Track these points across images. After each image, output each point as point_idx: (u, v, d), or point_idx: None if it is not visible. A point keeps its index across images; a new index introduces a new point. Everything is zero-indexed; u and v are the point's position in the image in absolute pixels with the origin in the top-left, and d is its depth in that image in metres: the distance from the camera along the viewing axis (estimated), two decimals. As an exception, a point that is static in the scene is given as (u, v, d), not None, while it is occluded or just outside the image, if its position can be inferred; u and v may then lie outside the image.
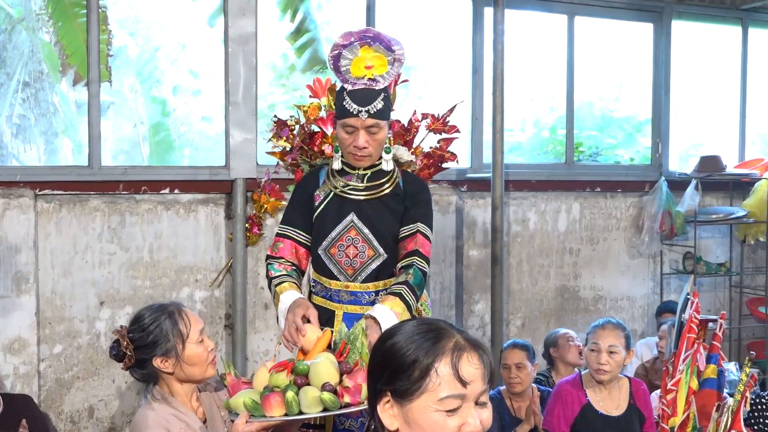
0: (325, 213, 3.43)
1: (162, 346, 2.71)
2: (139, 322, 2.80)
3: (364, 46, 3.25)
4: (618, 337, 4.06)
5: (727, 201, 7.22)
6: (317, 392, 2.47)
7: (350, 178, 3.44)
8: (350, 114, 3.26)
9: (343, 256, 3.38)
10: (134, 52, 8.55)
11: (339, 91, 3.35)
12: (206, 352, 2.77)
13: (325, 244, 3.41)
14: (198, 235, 5.49)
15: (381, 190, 3.43)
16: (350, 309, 3.40)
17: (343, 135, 3.33)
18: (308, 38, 6.82)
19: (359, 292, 3.41)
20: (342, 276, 3.40)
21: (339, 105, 3.30)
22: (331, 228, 3.40)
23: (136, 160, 8.48)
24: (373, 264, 3.40)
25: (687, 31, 7.25)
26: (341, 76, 3.31)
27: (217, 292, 5.57)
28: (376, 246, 3.39)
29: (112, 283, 5.30)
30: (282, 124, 3.99)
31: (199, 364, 2.75)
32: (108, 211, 5.27)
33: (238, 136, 5.51)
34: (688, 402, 4.22)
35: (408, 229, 3.45)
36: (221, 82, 5.61)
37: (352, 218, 3.39)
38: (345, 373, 2.55)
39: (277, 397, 2.48)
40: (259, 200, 5.51)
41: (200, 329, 2.80)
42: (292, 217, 3.49)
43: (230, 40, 5.49)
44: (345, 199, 3.41)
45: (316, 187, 3.49)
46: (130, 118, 8.54)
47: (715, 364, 4.39)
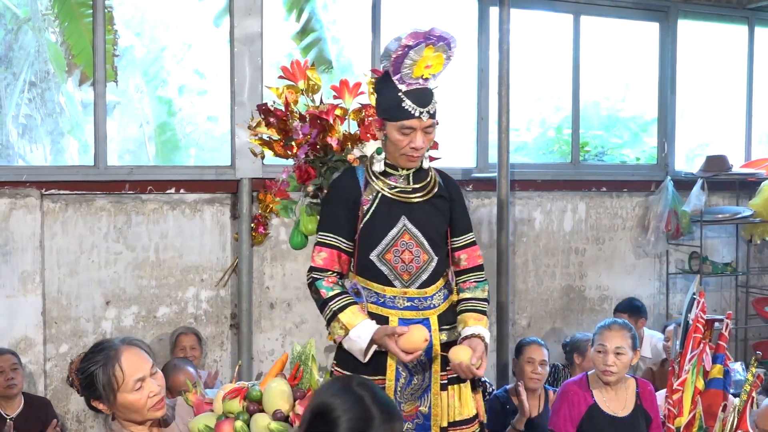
0: (375, 217, 3.27)
1: (95, 391, 2.59)
2: (83, 361, 2.65)
3: (429, 46, 3.13)
4: (624, 338, 4.05)
5: (734, 200, 7.20)
6: (267, 420, 2.47)
7: (395, 180, 3.30)
8: (410, 116, 3.14)
9: (399, 261, 3.26)
10: (140, 52, 8.57)
11: (388, 91, 3.18)
12: (145, 399, 2.59)
13: (378, 249, 3.26)
14: (204, 235, 5.50)
15: (429, 192, 3.33)
16: (406, 315, 3.27)
17: (398, 137, 3.18)
18: (314, 38, 6.82)
19: (416, 298, 3.29)
20: (398, 282, 3.27)
21: (394, 106, 3.15)
22: (384, 233, 3.26)
23: (141, 159, 8.51)
24: (429, 268, 3.29)
25: (693, 30, 7.24)
26: (399, 76, 3.14)
27: (222, 292, 5.58)
28: (429, 250, 3.30)
29: (118, 282, 5.30)
30: (268, 110, 3.73)
31: (136, 410, 2.60)
32: (114, 210, 5.28)
33: (244, 136, 5.49)
34: (694, 402, 4.21)
35: (464, 238, 3.42)
36: (227, 82, 5.61)
37: (404, 222, 3.27)
38: (297, 399, 2.54)
39: (228, 425, 2.48)
40: (264, 200, 5.51)
41: (138, 378, 2.59)
42: (334, 224, 3.30)
43: (236, 40, 5.50)
44: (394, 202, 3.27)
45: (360, 190, 3.30)
46: (136, 118, 8.57)
47: (721, 364, 4.38)
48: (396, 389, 3.24)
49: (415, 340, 3.05)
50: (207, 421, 2.52)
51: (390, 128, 3.19)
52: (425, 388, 3.29)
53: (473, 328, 3.26)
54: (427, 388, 3.30)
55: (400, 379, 3.25)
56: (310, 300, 5.72)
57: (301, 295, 5.76)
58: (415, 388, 3.28)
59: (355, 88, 3.65)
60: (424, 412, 3.29)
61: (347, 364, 3.27)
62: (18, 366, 4.67)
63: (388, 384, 3.21)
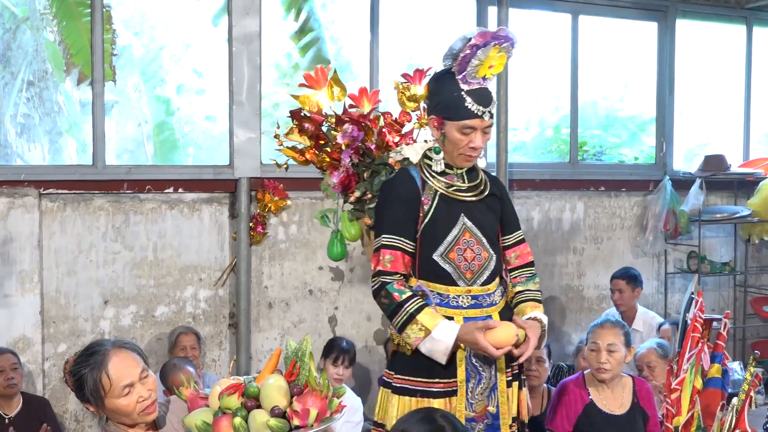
0: (436, 217, 3.23)
1: (83, 394, 2.58)
2: (75, 363, 2.63)
3: (495, 46, 3.09)
4: (617, 335, 4.06)
5: (732, 200, 7.21)
6: (266, 416, 2.46)
7: (451, 179, 3.27)
8: (473, 115, 3.12)
9: (462, 260, 3.22)
10: (138, 51, 8.57)
11: (448, 90, 3.16)
12: (134, 404, 2.57)
13: (441, 249, 3.22)
14: (202, 234, 5.50)
15: (484, 191, 3.32)
16: (471, 313, 3.21)
17: (458, 136, 3.15)
18: (312, 37, 6.82)
19: (480, 296, 3.26)
20: (461, 281, 3.22)
21: (456, 106, 3.13)
22: (446, 232, 3.23)
23: (140, 159, 8.51)
24: (490, 265, 3.27)
25: (691, 30, 7.24)
26: (462, 76, 3.12)
27: (221, 291, 5.57)
28: (488, 247, 3.27)
29: (117, 282, 5.30)
30: (303, 116, 3.61)
31: (126, 414, 2.58)
32: (112, 210, 5.27)
33: (242, 135, 5.52)
34: (692, 401, 4.21)
35: (514, 236, 3.41)
36: (225, 81, 5.61)
37: (463, 220, 3.25)
38: (295, 395, 2.54)
39: (226, 420, 2.48)
40: (263, 199, 5.51)
41: (126, 383, 2.56)
42: (396, 225, 3.21)
43: (234, 39, 5.49)
44: (451, 201, 3.24)
45: (419, 190, 3.25)
46: (134, 117, 8.56)
47: (719, 363, 4.38)
48: (467, 390, 3.20)
49: (508, 334, 3.03)
50: (204, 417, 2.52)
51: (450, 127, 3.16)
52: (492, 387, 3.27)
53: (532, 313, 3.27)
54: (494, 387, 3.27)
55: (471, 379, 3.21)
56: (309, 299, 5.79)
57: (299, 295, 5.76)
58: (483, 387, 3.25)
59: (374, 96, 3.63)
60: (493, 411, 3.26)
61: (407, 371, 3.21)
62: (18, 365, 4.68)
63: (459, 386, 3.17)
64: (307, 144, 3.62)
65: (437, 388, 3.16)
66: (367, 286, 5.92)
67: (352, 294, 5.93)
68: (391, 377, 3.26)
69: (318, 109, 3.57)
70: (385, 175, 3.45)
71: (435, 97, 3.23)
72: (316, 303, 5.84)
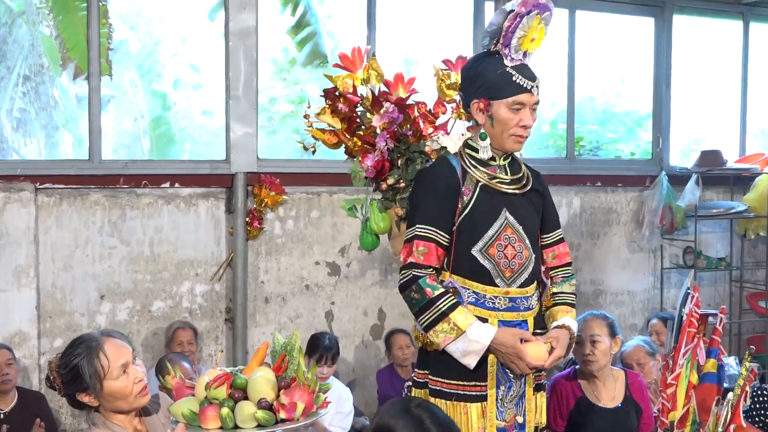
0: (477, 209, 3.03)
1: (81, 383, 2.61)
2: (63, 357, 2.67)
3: (537, 15, 2.96)
4: (600, 326, 4.04)
5: (728, 195, 7.21)
6: (253, 408, 2.47)
7: (493, 170, 3.10)
8: (523, 90, 2.99)
9: (502, 257, 3.03)
10: (135, 46, 8.54)
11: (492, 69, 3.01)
12: (131, 385, 2.63)
13: (481, 244, 3.02)
14: (198, 229, 5.50)
15: (526, 185, 3.16)
16: (506, 316, 3.05)
17: (509, 115, 3.00)
18: (309, 32, 6.81)
19: (518, 298, 3.08)
20: (500, 280, 3.03)
21: (504, 82, 2.99)
22: (487, 226, 3.03)
23: (136, 154, 8.48)
24: (530, 266, 3.10)
25: (688, 25, 7.24)
26: (507, 50, 2.98)
27: (217, 286, 5.57)
28: (529, 246, 3.11)
29: (113, 276, 5.30)
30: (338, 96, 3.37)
31: (123, 398, 2.63)
32: (108, 205, 5.27)
33: (239, 130, 5.51)
34: (688, 396, 4.22)
35: (554, 235, 3.30)
36: (222, 76, 5.61)
37: (505, 215, 3.07)
38: (282, 389, 2.55)
39: (213, 410, 2.49)
40: (259, 194, 5.51)
41: (122, 363, 2.62)
42: (434, 216, 3.02)
43: (231, 34, 5.49)
44: (494, 193, 3.06)
45: (459, 179, 3.06)
46: (131, 112, 8.54)
47: (715, 358, 4.39)
48: (497, 397, 3.04)
49: (539, 354, 2.93)
50: (190, 406, 2.53)
51: (498, 107, 3.00)
52: (521, 395, 3.13)
53: (561, 320, 3.15)
54: (522, 395, 3.14)
55: (501, 386, 3.05)
56: (305, 294, 5.79)
57: (295, 290, 5.76)
58: (513, 395, 3.10)
59: (409, 84, 3.46)
60: (520, 421, 3.13)
61: (444, 372, 3.04)
62: (12, 361, 4.67)
63: (489, 392, 3.02)
64: (339, 126, 3.42)
65: (474, 391, 3.02)
66: (363, 281, 5.93)
67: (349, 289, 5.93)
68: (426, 377, 3.10)
69: (353, 90, 3.38)
70: (421, 163, 3.25)
71: (478, 79, 3.05)
72: (312, 298, 5.84)
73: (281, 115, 8.22)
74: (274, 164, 5.74)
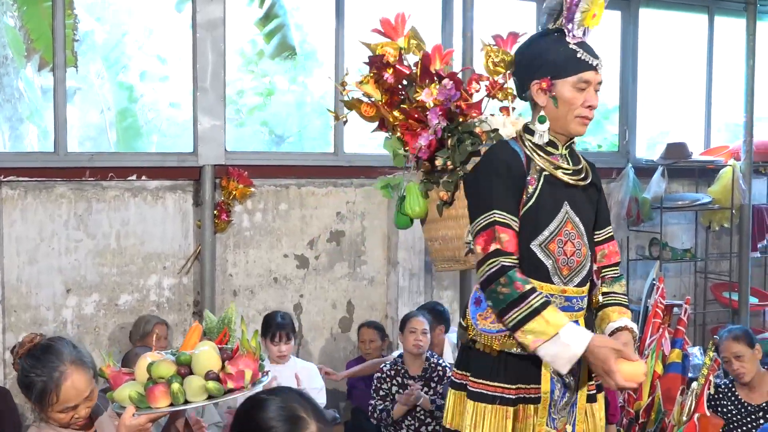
0: (540, 200, 2.83)
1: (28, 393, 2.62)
2: (29, 358, 2.66)
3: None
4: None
5: (693, 187, 7.29)
6: (201, 381, 2.48)
7: (556, 159, 2.91)
8: (589, 66, 2.86)
9: (561, 253, 2.83)
10: (101, 37, 8.47)
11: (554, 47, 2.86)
12: (69, 419, 2.65)
13: (541, 238, 2.82)
14: (166, 222, 5.46)
15: (585, 178, 2.98)
16: None
17: (574, 94, 2.84)
18: (277, 24, 6.78)
19: (574, 297, 2.89)
20: (557, 278, 2.83)
21: (569, 59, 2.84)
22: (549, 219, 2.84)
23: (102, 146, 8.42)
24: (587, 265, 2.92)
25: (654, 19, 7.30)
26: (571, 24, 2.85)
27: (185, 279, 5.55)
28: (587, 243, 2.92)
29: (79, 270, 5.26)
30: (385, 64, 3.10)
31: (58, 423, 2.65)
32: (74, 197, 5.22)
33: (207, 123, 5.48)
34: (653, 386, 4.28)
35: (605, 232, 3.07)
36: (189, 67, 5.57)
37: (566, 208, 2.88)
38: (226, 360, 2.56)
39: (161, 388, 2.48)
40: (227, 187, 5.49)
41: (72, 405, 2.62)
42: (508, 202, 2.79)
43: (198, 25, 5.45)
44: (556, 184, 2.87)
45: (524, 166, 2.85)
46: (97, 103, 8.47)
47: (679, 348, 4.45)
48: (551, 401, 2.85)
49: (637, 373, 2.66)
50: (136, 388, 2.52)
51: (562, 86, 2.84)
52: (573, 403, 2.94)
53: (620, 321, 2.92)
54: (574, 403, 2.95)
55: (555, 390, 2.86)
56: (274, 287, 5.78)
57: (264, 283, 5.75)
58: (566, 401, 2.93)
59: (447, 56, 3.24)
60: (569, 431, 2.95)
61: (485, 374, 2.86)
62: (-23, 355, 4.62)
63: (543, 396, 2.82)
64: (379, 98, 3.16)
65: (518, 394, 2.84)
66: (331, 274, 5.93)
67: (318, 282, 5.93)
68: (466, 379, 2.92)
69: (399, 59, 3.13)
70: (471, 145, 3.01)
71: (539, 58, 2.88)
72: (281, 291, 5.83)
73: (249, 107, 8.20)
74: (242, 157, 5.72)
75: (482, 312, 2.88)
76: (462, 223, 3.03)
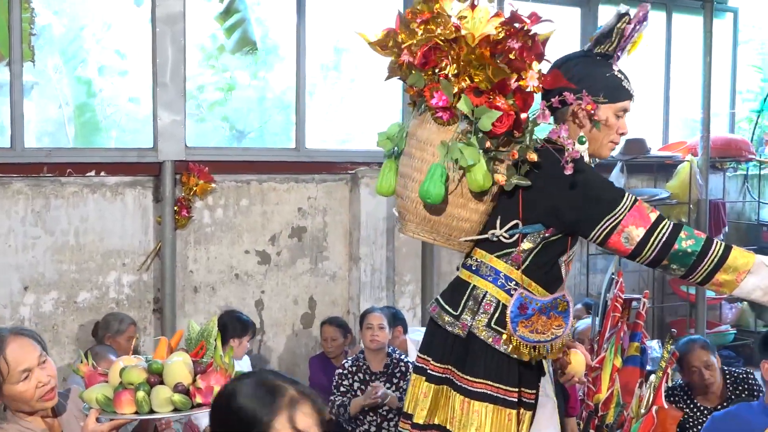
0: None
1: None
2: None
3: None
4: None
5: (652, 183, 7.38)
6: (169, 392, 2.46)
7: None
8: (630, 96, 2.94)
9: (566, 271, 2.88)
10: (58, 31, 8.36)
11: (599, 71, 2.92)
12: (33, 389, 2.55)
13: (565, 256, 2.85)
14: (125, 219, 5.42)
15: None
16: None
17: (614, 121, 2.90)
18: (237, 18, 6.75)
19: None
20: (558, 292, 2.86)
21: (616, 86, 2.92)
22: (576, 239, 2.87)
23: (61, 141, 8.31)
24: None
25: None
26: (621, 52, 2.94)
27: (145, 276, 5.50)
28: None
29: (37, 267, 5.19)
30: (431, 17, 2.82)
31: (25, 401, 2.56)
32: (32, 194, 5.16)
33: (167, 118, 5.44)
34: (612, 379, 4.32)
35: None
36: (148, 62, 5.53)
37: None
38: (199, 374, 2.54)
39: (128, 395, 2.47)
40: (188, 183, 5.46)
41: (24, 368, 2.53)
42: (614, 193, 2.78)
43: (158, 19, 5.40)
44: None
45: None
46: (55, 98, 8.36)
47: (638, 342, 4.50)
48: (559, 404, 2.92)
49: None
50: (104, 391, 2.50)
51: (605, 111, 2.89)
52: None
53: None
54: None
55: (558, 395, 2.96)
56: (235, 283, 5.76)
57: (225, 279, 5.72)
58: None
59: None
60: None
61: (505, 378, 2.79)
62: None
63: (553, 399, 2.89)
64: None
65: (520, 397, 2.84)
66: (293, 270, 5.92)
67: (279, 278, 5.91)
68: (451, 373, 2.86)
69: None
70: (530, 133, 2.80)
71: (587, 79, 2.88)
72: (242, 287, 5.81)
73: (210, 102, 8.15)
74: (202, 152, 5.69)
75: (525, 320, 2.77)
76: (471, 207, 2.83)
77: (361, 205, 5.97)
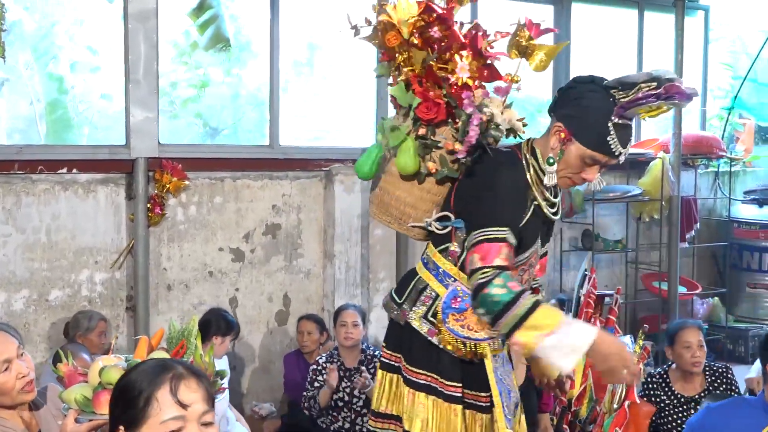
0: (526, 231, 2.78)
1: None
2: None
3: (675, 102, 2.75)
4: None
5: (624, 180, 7.43)
6: None
7: (545, 189, 2.86)
8: (610, 153, 2.76)
9: (519, 280, 2.77)
10: (30, 26, 8.27)
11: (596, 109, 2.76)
12: (13, 381, 2.56)
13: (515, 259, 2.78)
14: (98, 216, 5.38)
15: (557, 213, 2.93)
16: None
17: (578, 162, 2.77)
18: (211, 15, 6.70)
19: None
20: None
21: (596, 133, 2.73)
22: (528, 246, 2.82)
23: (32, 138, 8.22)
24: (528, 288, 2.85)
25: (586, 13, 7.41)
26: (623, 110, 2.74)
27: (117, 274, 5.47)
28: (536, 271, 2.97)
29: (8, 265, 5.14)
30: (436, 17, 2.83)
31: (4, 393, 2.57)
32: (2, 191, 5.11)
33: (139, 115, 5.40)
34: (585, 375, 4.36)
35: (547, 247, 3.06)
36: (121, 59, 5.49)
37: (537, 241, 2.88)
38: None
39: (108, 395, 2.46)
40: (161, 180, 5.42)
41: (4, 359, 2.56)
42: (515, 223, 2.73)
43: (130, 16, 5.37)
44: (539, 216, 2.84)
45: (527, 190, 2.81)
46: (26, 95, 8.27)
47: (610, 337, 4.52)
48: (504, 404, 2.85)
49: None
50: (83, 392, 2.48)
51: (574, 149, 2.76)
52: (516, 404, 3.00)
53: None
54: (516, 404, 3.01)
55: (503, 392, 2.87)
56: (209, 281, 5.74)
57: (199, 276, 5.70)
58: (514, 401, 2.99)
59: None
60: None
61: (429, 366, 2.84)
62: None
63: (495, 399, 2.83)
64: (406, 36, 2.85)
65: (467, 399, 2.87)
66: (267, 267, 5.90)
67: (253, 275, 5.90)
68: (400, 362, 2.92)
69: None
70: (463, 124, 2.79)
71: (576, 107, 2.81)
72: (216, 284, 5.79)
73: (183, 99, 8.09)
74: (175, 149, 5.66)
75: (457, 313, 2.79)
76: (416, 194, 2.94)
77: (336, 202, 5.97)
